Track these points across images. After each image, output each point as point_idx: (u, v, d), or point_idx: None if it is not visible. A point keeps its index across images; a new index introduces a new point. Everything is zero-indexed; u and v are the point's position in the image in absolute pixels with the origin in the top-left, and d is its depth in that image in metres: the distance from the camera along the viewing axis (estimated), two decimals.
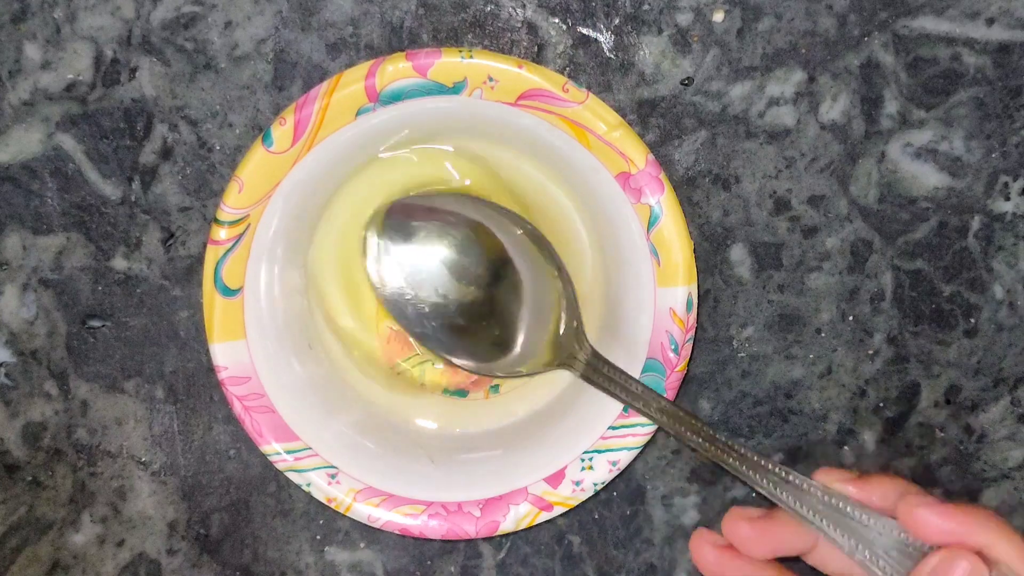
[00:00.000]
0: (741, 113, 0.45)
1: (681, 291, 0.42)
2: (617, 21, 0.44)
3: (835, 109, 0.45)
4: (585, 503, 0.45)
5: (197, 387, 0.47)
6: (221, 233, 0.41)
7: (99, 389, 0.47)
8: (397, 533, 0.44)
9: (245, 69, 0.44)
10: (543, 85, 0.40)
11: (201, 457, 0.48)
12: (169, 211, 0.46)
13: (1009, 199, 0.45)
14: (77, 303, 0.46)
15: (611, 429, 0.43)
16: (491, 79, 0.40)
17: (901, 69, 0.44)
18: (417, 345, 0.46)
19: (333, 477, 0.44)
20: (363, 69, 0.40)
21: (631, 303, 0.43)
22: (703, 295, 0.46)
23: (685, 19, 0.44)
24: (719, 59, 0.44)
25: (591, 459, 0.43)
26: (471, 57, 0.40)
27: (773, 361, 0.47)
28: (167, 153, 0.45)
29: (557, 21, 0.44)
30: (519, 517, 0.44)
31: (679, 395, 0.46)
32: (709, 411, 0.47)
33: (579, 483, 0.43)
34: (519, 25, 0.44)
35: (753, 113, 0.45)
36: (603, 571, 0.48)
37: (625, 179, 0.41)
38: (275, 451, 0.43)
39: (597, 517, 0.48)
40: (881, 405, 0.47)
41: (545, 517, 0.44)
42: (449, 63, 0.40)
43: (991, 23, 0.44)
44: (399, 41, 0.44)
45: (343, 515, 0.44)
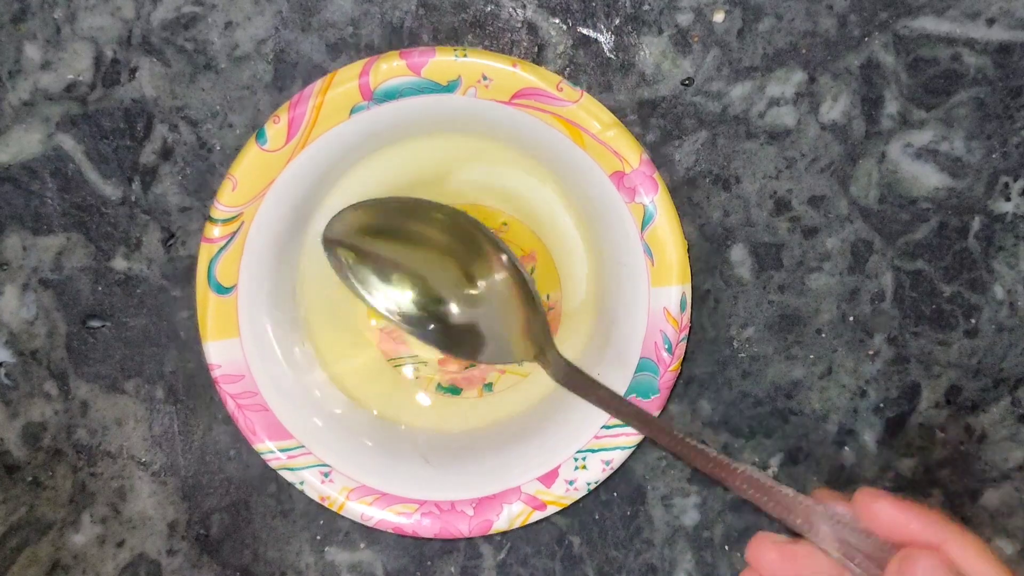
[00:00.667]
0: (741, 113, 0.45)
1: (675, 290, 0.42)
2: (617, 21, 0.44)
3: (835, 109, 0.45)
4: (585, 504, 0.45)
5: (197, 387, 0.47)
6: (215, 231, 0.41)
7: (99, 389, 0.47)
8: (390, 532, 0.44)
9: (245, 69, 0.45)
10: (537, 84, 0.40)
11: (201, 457, 0.48)
12: (169, 211, 0.46)
13: (1009, 199, 0.45)
14: (77, 303, 0.47)
15: (604, 428, 0.43)
16: (485, 78, 0.40)
17: (901, 69, 0.44)
18: (411, 342, 0.46)
19: (326, 475, 0.44)
20: (357, 67, 0.40)
21: (625, 303, 0.43)
22: (704, 295, 0.46)
23: (685, 19, 0.44)
24: (719, 59, 0.44)
25: (584, 458, 0.43)
26: (465, 56, 0.40)
27: (773, 361, 0.47)
28: (167, 153, 0.45)
29: (557, 21, 0.44)
30: (512, 516, 0.44)
31: (678, 395, 0.46)
32: (709, 411, 0.47)
33: (572, 482, 0.43)
34: (519, 25, 0.44)
35: (753, 113, 0.45)
36: (603, 572, 0.48)
37: (619, 178, 0.41)
38: (268, 449, 0.44)
39: (597, 518, 0.48)
40: (881, 406, 0.47)
41: (538, 516, 0.44)
42: (443, 61, 0.40)
43: (991, 23, 0.44)
44: (399, 41, 0.44)
45: (342, 515, 0.44)
